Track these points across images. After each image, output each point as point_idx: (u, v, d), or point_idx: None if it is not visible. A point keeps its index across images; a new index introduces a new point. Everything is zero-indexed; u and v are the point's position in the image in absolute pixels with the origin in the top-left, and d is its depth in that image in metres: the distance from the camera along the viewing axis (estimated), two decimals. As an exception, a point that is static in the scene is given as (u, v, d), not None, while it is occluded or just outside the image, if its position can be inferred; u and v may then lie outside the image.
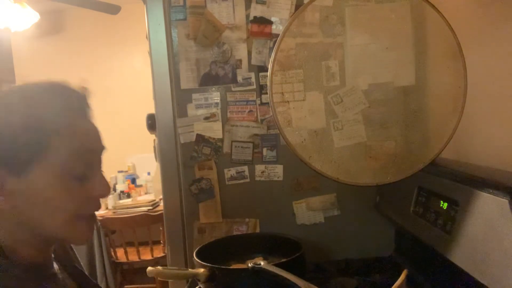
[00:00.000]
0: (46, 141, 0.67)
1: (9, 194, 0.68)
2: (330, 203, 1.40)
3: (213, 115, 1.39)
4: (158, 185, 1.51)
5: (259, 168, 1.40)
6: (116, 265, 3.34)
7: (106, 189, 0.74)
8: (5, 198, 0.68)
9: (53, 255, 0.80)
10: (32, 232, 0.71)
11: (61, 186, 0.69)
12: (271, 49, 1.34)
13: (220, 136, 1.39)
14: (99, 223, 3.18)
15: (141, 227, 3.17)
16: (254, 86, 1.38)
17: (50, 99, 0.71)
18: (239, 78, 1.38)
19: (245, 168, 1.40)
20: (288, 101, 0.99)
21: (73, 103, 0.73)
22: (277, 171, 1.39)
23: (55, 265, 0.80)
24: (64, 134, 0.69)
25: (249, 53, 1.37)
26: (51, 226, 0.71)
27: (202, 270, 1.05)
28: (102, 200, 3.57)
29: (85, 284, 0.87)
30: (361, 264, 1.32)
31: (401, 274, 1.24)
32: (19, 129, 0.66)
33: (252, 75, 1.37)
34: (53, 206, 0.70)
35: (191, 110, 1.39)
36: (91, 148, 0.73)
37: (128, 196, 3.68)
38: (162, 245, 3.28)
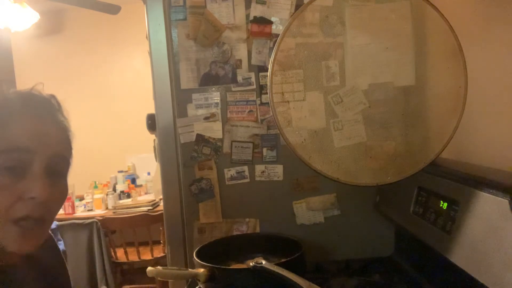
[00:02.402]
0: None
1: None
2: (330, 203, 1.40)
3: (213, 115, 1.39)
4: (158, 185, 1.51)
5: (259, 168, 1.40)
6: (116, 265, 3.34)
7: (38, 188, 0.69)
8: None
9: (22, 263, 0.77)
10: None
11: None
12: (271, 49, 1.34)
13: (220, 136, 1.39)
14: (99, 223, 3.19)
15: (141, 227, 3.18)
16: (254, 86, 1.38)
17: None
18: (239, 78, 1.37)
19: (245, 168, 1.40)
20: (288, 101, 0.99)
21: (19, 108, 0.73)
22: (277, 171, 1.39)
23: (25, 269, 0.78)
24: None
25: (249, 53, 1.37)
26: None
27: (202, 270, 1.05)
28: (102, 200, 3.55)
29: None
30: (361, 264, 1.32)
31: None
32: None
33: (252, 75, 1.37)
34: None
35: (191, 110, 1.39)
36: (23, 147, 0.70)
37: (128, 196, 3.69)
38: (162, 245, 3.28)
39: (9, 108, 0.72)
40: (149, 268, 1.01)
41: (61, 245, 1.02)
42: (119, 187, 3.78)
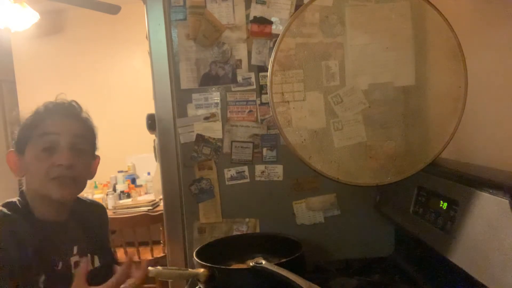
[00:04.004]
0: (31, 132, 1.08)
1: (19, 168, 1.09)
2: (330, 203, 1.40)
3: (213, 115, 1.39)
4: (158, 185, 1.51)
5: (259, 168, 1.40)
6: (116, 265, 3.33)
7: (64, 158, 1.06)
8: (18, 171, 1.09)
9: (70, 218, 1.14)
10: (37, 194, 1.07)
11: (35, 157, 1.06)
12: (271, 49, 1.34)
13: (220, 136, 1.39)
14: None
15: (141, 227, 3.17)
16: (254, 86, 1.38)
17: (37, 112, 1.11)
18: (239, 78, 1.37)
19: (245, 168, 1.40)
20: (288, 101, 0.99)
21: (52, 110, 1.11)
22: (277, 171, 1.39)
23: (73, 225, 1.15)
24: (39, 127, 1.08)
25: (249, 53, 1.37)
26: (35, 186, 1.06)
27: (202, 270, 1.05)
28: (102, 200, 3.64)
29: (93, 244, 1.18)
30: (361, 264, 1.32)
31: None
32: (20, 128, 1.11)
33: (252, 75, 1.37)
34: (33, 171, 1.07)
35: (191, 110, 1.39)
36: (53, 132, 1.08)
37: (128, 196, 3.68)
38: (162, 245, 3.27)
39: (44, 112, 1.10)
40: (149, 268, 1.01)
41: None
42: (119, 187, 3.78)
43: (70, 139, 1.08)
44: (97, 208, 1.31)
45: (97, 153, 1.20)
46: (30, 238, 1.00)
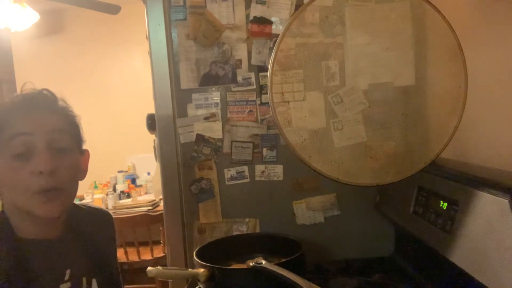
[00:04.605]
0: None
1: None
2: (330, 203, 1.40)
3: (213, 115, 1.39)
4: (158, 185, 1.51)
5: (259, 168, 1.40)
6: (116, 265, 3.33)
7: (43, 163, 0.84)
8: None
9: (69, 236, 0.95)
10: (18, 209, 0.87)
11: (8, 167, 0.85)
12: (271, 49, 1.34)
13: (220, 136, 1.39)
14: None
15: (141, 227, 3.17)
16: (254, 86, 1.38)
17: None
18: (239, 78, 1.38)
19: (245, 168, 1.40)
20: (288, 101, 0.99)
21: (19, 105, 0.90)
22: (277, 171, 1.39)
23: (68, 242, 0.94)
24: (6, 128, 0.86)
25: (249, 53, 1.37)
26: (18, 202, 0.86)
27: (202, 270, 1.05)
28: (102, 200, 3.57)
29: (95, 268, 0.98)
30: (361, 264, 1.32)
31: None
32: None
33: (252, 75, 1.37)
34: (8, 184, 0.86)
35: (191, 110, 1.39)
36: (24, 132, 0.86)
37: (128, 196, 3.68)
38: (162, 245, 3.28)
39: (11, 108, 0.89)
40: (149, 268, 1.01)
41: None
42: (119, 187, 3.78)
43: (47, 138, 0.87)
44: (101, 217, 1.11)
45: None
46: (6, 264, 0.83)
